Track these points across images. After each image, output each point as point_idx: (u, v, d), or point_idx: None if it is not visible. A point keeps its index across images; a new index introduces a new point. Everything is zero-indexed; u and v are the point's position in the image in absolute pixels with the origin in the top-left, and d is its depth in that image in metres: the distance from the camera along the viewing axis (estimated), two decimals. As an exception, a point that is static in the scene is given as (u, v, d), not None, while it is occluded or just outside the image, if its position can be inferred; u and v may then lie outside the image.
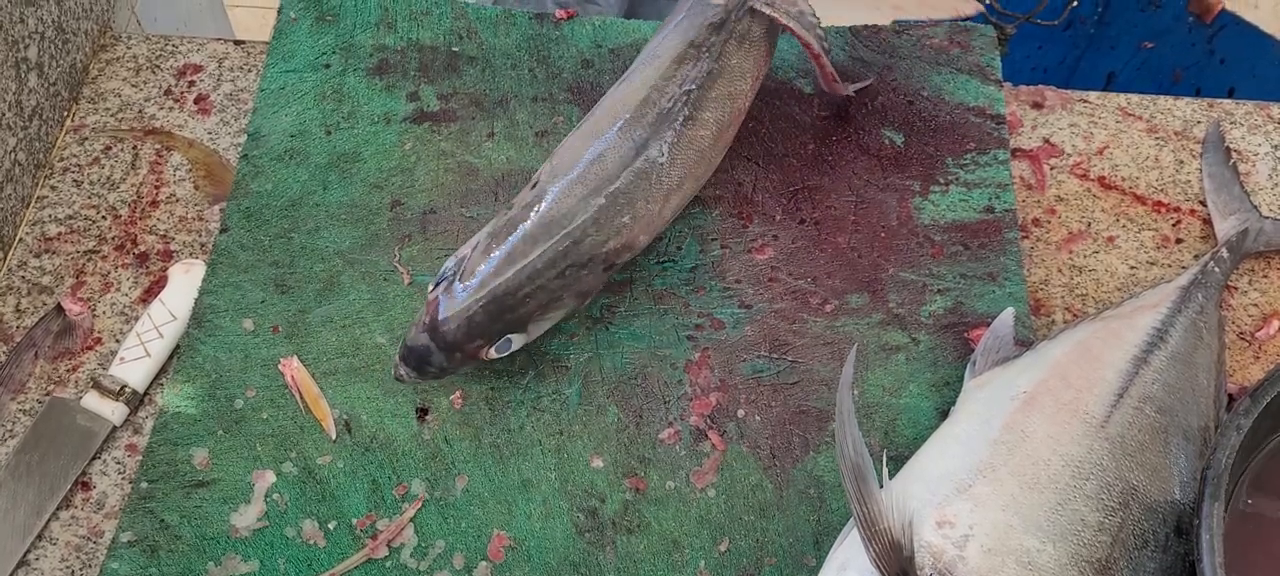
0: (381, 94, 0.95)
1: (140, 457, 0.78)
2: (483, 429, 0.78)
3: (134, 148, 0.94)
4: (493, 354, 0.76)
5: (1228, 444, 0.65)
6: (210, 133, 0.95)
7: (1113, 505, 0.66)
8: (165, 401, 0.79)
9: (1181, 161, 0.94)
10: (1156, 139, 0.95)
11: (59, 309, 0.85)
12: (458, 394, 0.80)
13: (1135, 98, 0.98)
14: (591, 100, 0.92)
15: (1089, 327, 0.77)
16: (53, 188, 0.92)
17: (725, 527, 0.75)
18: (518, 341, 0.77)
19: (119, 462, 0.79)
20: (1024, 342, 0.80)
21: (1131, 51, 1.52)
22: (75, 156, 0.94)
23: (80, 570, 0.74)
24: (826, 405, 0.80)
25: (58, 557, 0.75)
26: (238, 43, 1.01)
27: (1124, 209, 0.91)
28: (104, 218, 0.90)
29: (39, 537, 0.76)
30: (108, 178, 0.92)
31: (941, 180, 0.90)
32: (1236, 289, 0.87)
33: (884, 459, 0.66)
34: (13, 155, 0.88)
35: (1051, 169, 0.94)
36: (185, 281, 0.85)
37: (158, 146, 0.94)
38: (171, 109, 0.97)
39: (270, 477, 0.76)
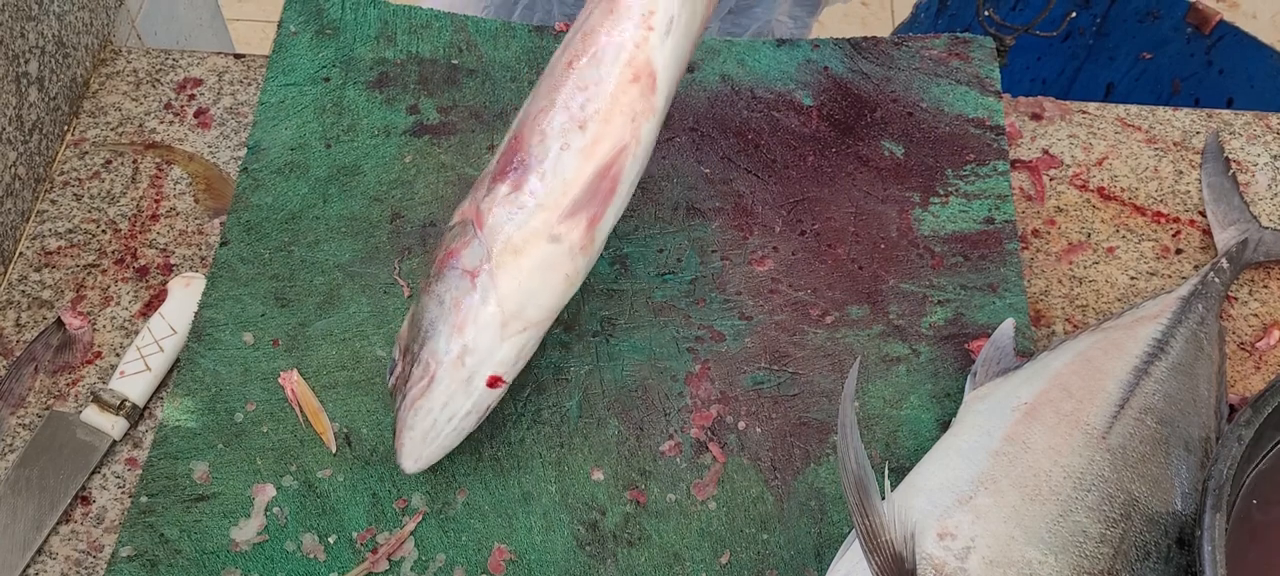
0: (381, 107, 0.95)
1: (140, 471, 0.78)
2: (482, 442, 0.78)
3: (134, 161, 0.94)
4: None
5: (1229, 454, 0.65)
6: (210, 146, 0.95)
7: (1114, 516, 0.66)
8: (165, 415, 0.79)
9: (1181, 172, 0.94)
10: (1156, 149, 0.95)
11: (59, 323, 0.85)
12: (458, 407, 0.80)
13: (1134, 108, 0.98)
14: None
15: (1089, 338, 0.77)
16: (53, 202, 0.92)
17: (726, 540, 0.75)
18: None
19: (119, 477, 0.79)
20: (1024, 354, 0.80)
21: (1130, 62, 1.52)
22: (75, 170, 0.94)
23: (80, 585, 0.74)
24: (827, 417, 0.79)
25: (57, 572, 0.75)
26: (238, 56, 1.01)
27: (1123, 219, 0.91)
28: (104, 231, 0.90)
29: (38, 552, 0.75)
30: (108, 191, 0.92)
31: (941, 191, 0.90)
32: (1237, 299, 0.87)
33: (885, 471, 0.66)
34: (13, 169, 0.88)
35: (1051, 180, 0.94)
36: (185, 295, 0.85)
37: (158, 160, 0.94)
38: (172, 123, 0.97)
39: (270, 491, 0.76)
